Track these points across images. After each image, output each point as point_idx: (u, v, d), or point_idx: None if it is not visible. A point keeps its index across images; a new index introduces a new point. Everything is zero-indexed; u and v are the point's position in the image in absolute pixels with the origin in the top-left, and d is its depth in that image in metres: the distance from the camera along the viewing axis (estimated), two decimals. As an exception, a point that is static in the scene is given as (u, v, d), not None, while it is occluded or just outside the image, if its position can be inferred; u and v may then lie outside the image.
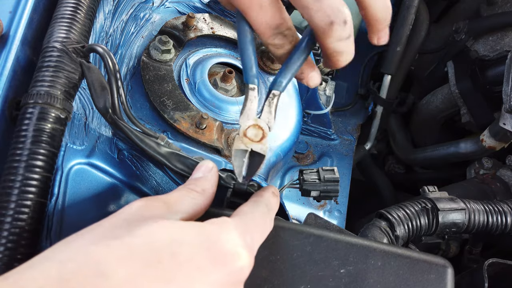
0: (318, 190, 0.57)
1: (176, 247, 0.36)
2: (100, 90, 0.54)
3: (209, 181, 0.48)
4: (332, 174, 0.57)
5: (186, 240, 0.37)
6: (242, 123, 0.47)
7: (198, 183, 0.47)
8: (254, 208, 0.45)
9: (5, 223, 0.44)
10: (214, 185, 0.48)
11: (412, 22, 1.25)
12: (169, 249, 0.35)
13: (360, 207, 1.41)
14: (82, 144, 0.59)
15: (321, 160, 1.12)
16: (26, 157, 0.47)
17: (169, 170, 0.61)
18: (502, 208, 0.78)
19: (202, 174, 0.49)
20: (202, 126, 0.68)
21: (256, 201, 0.47)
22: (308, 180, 0.57)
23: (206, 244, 0.37)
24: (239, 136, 0.47)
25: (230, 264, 0.38)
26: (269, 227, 0.46)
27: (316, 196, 0.58)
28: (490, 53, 1.15)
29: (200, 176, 0.49)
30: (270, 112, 0.45)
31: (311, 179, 0.57)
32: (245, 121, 0.46)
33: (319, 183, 0.57)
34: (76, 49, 0.54)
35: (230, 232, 0.40)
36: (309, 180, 0.57)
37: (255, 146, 0.47)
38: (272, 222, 0.47)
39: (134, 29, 0.75)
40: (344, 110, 1.35)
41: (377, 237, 0.72)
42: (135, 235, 0.35)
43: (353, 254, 0.47)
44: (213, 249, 0.37)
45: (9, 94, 0.53)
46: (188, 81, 0.75)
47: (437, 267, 0.47)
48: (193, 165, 0.56)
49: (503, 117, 1.01)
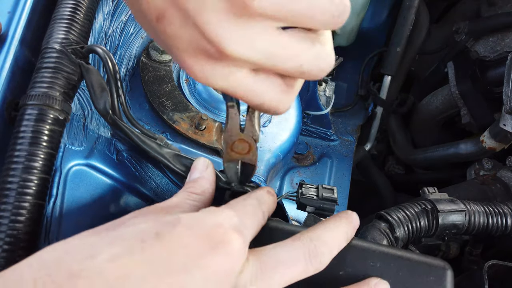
0: (313, 206, 0.57)
1: (161, 228, 0.35)
2: (99, 91, 0.54)
3: (207, 179, 0.48)
4: (331, 194, 0.57)
5: (173, 222, 0.36)
6: (226, 140, 0.47)
7: (196, 184, 0.47)
8: (244, 201, 0.44)
9: (3, 225, 0.44)
10: (213, 183, 0.48)
11: (412, 22, 1.25)
12: (153, 230, 0.35)
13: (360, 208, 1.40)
14: (81, 145, 0.58)
15: (321, 161, 1.12)
16: (24, 159, 0.47)
17: (169, 171, 0.61)
18: (502, 209, 0.78)
19: (199, 174, 0.49)
20: (201, 127, 0.68)
21: (247, 195, 0.46)
22: (306, 195, 0.57)
23: (193, 226, 0.36)
24: (227, 152, 0.48)
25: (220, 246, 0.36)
26: (260, 219, 0.44)
27: (311, 212, 0.58)
28: (491, 53, 1.15)
29: (198, 177, 0.48)
30: (253, 126, 0.46)
31: (309, 194, 0.57)
32: (228, 138, 0.47)
33: (316, 200, 0.57)
34: (75, 50, 0.54)
35: (218, 215, 0.39)
36: (306, 195, 0.57)
37: (244, 158, 0.48)
38: (264, 216, 0.45)
39: (134, 30, 0.75)
40: (344, 110, 1.35)
41: (377, 239, 0.71)
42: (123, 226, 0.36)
43: (352, 255, 0.47)
44: (199, 230, 0.36)
45: (7, 95, 0.53)
46: (188, 82, 0.75)
47: (436, 269, 0.47)
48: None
49: (503, 118, 1.01)
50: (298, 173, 1.06)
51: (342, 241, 0.45)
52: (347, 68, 1.41)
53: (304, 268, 0.41)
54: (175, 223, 0.36)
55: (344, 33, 1.36)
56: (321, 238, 0.43)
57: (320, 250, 0.42)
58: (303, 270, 0.41)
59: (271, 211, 0.48)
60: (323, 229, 0.44)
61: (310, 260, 0.41)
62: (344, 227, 0.45)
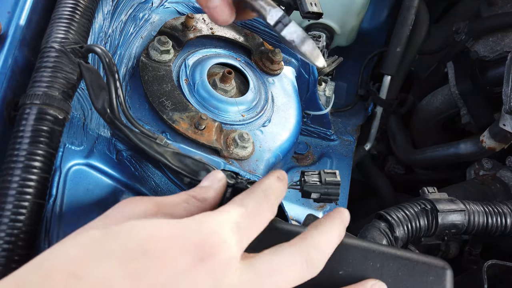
0: (318, 193, 0.57)
1: (148, 243, 0.34)
2: (98, 90, 0.54)
3: (214, 190, 0.47)
4: (334, 177, 0.57)
5: (161, 235, 0.35)
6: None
7: (201, 191, 0.46)
8: (248, 196, 0.42)
9: (3, 224, 0.44)
10: (218, 196, 0.47)
11: (412, 22, 1.25)
12: (141, 246, 0.34)
13: (360, 207, 1.41)
14: (81, 145, 0.58)
15: (321, 160, 1.12)
16: (24, 158, 0.47)
17: (168, 170, 0.61)
18: (501, 209, 0.78)
19: (209, 183, 0.48)
20: (201, 127, 0.68)
21: (254, 187, 0.44)
22: (309, 182, 0.57)
23: (179, 236, 0.35)
24: None
25: (210, 257, 0.35)
26: (266, 214, 0.42)
27: (317, 198, 0.58)
28: (490, 53, 1.15)
29: (206, 185, 0.48)
30: None
31: (312, 181, 0.57)
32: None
33: (320, 186, 0.56)
34: (75, 49, 0.54)
35: (210, 222, 0.37)
36: (310, 182, 0.57)
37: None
38: (272, 208, 0.43)
39: (133, 30, 0.75)
40: (344, 110, 1.35)
41: (376, 238, 0.72)
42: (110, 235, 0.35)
43: (352, 255, 0.47)
44: (189, 242, 0.35)
45: (7, 95, 0.53)
46: (187, 82, 0.75)
47: (436, 269, 0.47)
48: (193, 164, 0.56)
49: (503, 118, 1.01)
50: (298, 173, 1.06)
51: (336, 242, 0.45)
52: (347, 68, 1.41)
53: (300, 275, 0.40)
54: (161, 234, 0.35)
55: (344, 33, 1.36)
56: (317, 243, 0.42)
57: (316, 257, 0.42)
58: (299, 277, 0.40)
59: (280, 198, 0.46)
60: (319, 233, 0.43)
61: (306, 267, 0.41)
62: (337, 228, 0.45)
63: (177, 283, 0.33)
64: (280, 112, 0.82)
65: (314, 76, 0.97)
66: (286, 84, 0.88)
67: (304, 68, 0.95)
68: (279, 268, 0.39)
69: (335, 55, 1.16)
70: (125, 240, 0.34)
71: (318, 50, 0.52)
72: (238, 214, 0.40)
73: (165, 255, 0.34)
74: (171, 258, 0.34)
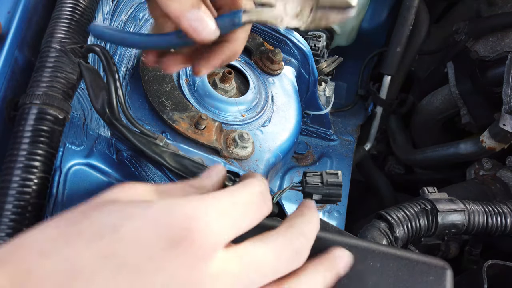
0: (320, 194, 0.57)
1: (119, 221, 0.32)
2: (98, 90, 0.54)
3: (211, 179, 0.46)
4: (336, 178, 0.57)
5: (134, 214, 0.33)
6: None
7: (199, 180, 0.46)
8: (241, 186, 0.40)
9: (3, 224, 0.44)
10: (216, 185, 0.47)
11: (412, 22, 1.25)
12: (112, 226, 0.32)
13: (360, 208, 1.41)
14: (81, 145, 0.58)
15: (321, 160, 1.12)
16: (24, 158, 0.47)
17: (167, 171, 0.61)
18: (501, 209, 0.78)
19: (208, 174, 0.47)
20: (201, 127, 0.68)
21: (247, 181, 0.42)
22: (311, 183, 0.57)
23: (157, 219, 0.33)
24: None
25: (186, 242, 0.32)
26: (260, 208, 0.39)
27: (318, 200, 0.58)
28: (490, 53, 1.15)
29: (205, 175, 0.48)
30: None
31: (313, 182, 0.57)
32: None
33: (322, 187, 0.56)
34: (75, 49, 0.54)
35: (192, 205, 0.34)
36: (311, 183, 0.57)
37: None
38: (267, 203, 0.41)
39: (133, 30, 0.75)
40: (344, 110, 1.35)
41: (376, 238, 0.72)
42: (84, 214, 0.34)
43: (352, 255, 0.47)
44: (163, 224, 0.33)
45: (7, 95, 0.53)
46: (187, 82, 0.75)
47: (436, 269, 0.47)
48: (191, 166, 0.56)
49: (503, 118, 1.01)
50: (298, 173, 1.06)
51: (316, 230, 0.43)
52: (347, 68, 1.41)
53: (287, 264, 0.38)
54: (136, 214, 0.33)
55: (344, 33, 1.36)
56: (303, 232, 0.40)
57: (302, 245, 0.40)
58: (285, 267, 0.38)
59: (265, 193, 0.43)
60: (302, 221, 0.42)
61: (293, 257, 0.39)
62: (316, 215, 0.44)
63: (147, 266, 0.31)
64: (280, 112, 0.82)
65: (314, 76, 0.97)
66: (286, 84, 0.88)
67: (304, 68, 0.95)
68: (265, 257, 0.37)
69: (335, 55, 1.16)
70: (97, 219, 0.33)
71: None
72: (228, 201, 0.37)
73: (135, 235, 0.32)
74: (141, 239, 0.32)
